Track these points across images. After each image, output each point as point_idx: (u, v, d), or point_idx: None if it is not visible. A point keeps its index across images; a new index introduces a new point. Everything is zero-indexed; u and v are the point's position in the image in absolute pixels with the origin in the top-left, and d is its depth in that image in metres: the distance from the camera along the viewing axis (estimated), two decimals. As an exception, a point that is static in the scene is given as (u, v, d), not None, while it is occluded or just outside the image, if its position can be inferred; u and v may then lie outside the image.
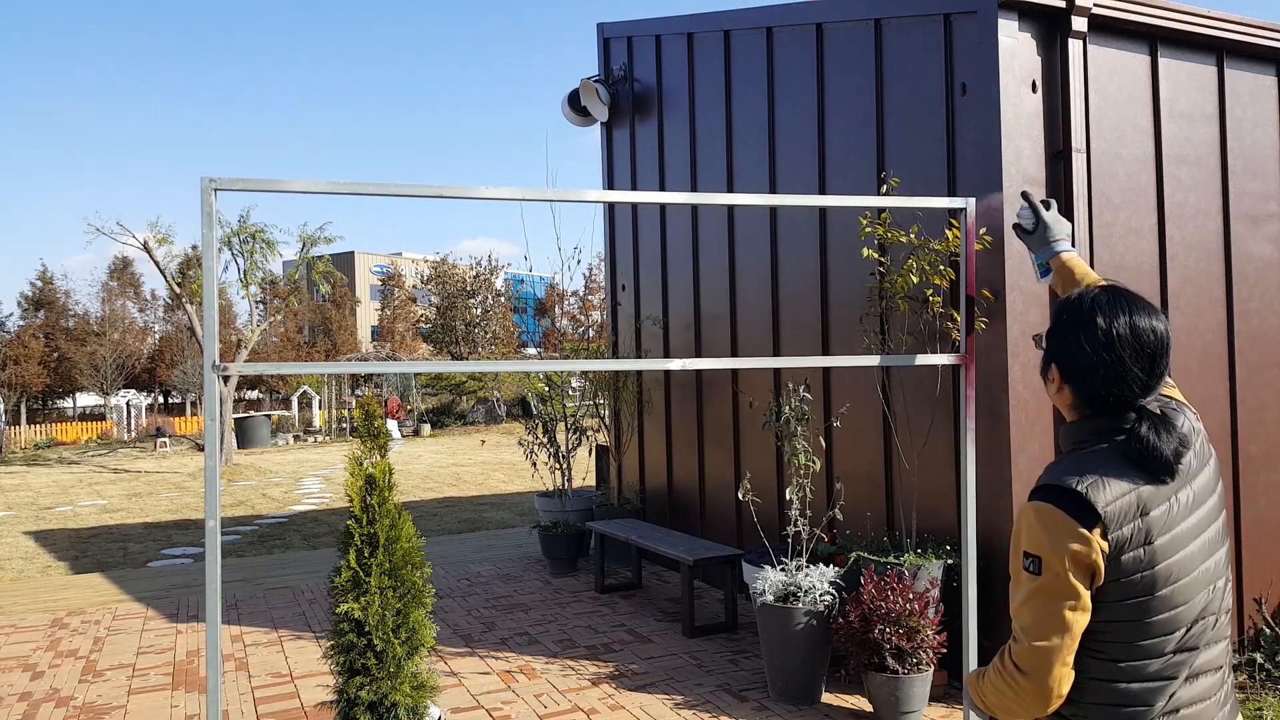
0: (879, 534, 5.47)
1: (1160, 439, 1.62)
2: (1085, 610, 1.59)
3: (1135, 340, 1.65)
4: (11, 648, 6.20)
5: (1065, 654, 1.60)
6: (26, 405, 37.99)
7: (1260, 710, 4.50)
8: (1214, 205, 5.22)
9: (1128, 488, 1.60)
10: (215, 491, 2.86)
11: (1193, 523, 1.64)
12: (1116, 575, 1.59)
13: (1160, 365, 1.67)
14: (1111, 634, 1.62)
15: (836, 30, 5.94)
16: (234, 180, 2.88)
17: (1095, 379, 1.66)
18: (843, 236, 5.82)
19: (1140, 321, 1.66)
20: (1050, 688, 1.61)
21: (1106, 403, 1.67)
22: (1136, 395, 1.66)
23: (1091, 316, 1.67)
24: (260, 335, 26.18)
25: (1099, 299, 1.69)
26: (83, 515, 13.37)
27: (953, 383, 4.91)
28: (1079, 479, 1.60)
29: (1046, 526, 1.60)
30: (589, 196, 3.39)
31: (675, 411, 7.86)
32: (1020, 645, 1.63)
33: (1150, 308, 1.69)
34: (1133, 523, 1.59)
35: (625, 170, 8.72)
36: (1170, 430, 1.63)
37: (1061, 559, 1.57)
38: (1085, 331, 1.67)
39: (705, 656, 5.57)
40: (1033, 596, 1.61)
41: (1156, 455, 1.61)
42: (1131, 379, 1.65)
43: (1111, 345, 1.65)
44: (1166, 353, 1.67)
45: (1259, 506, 5.27)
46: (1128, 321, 1.66)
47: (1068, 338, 1.70)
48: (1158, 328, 1.67)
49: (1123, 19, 4.79)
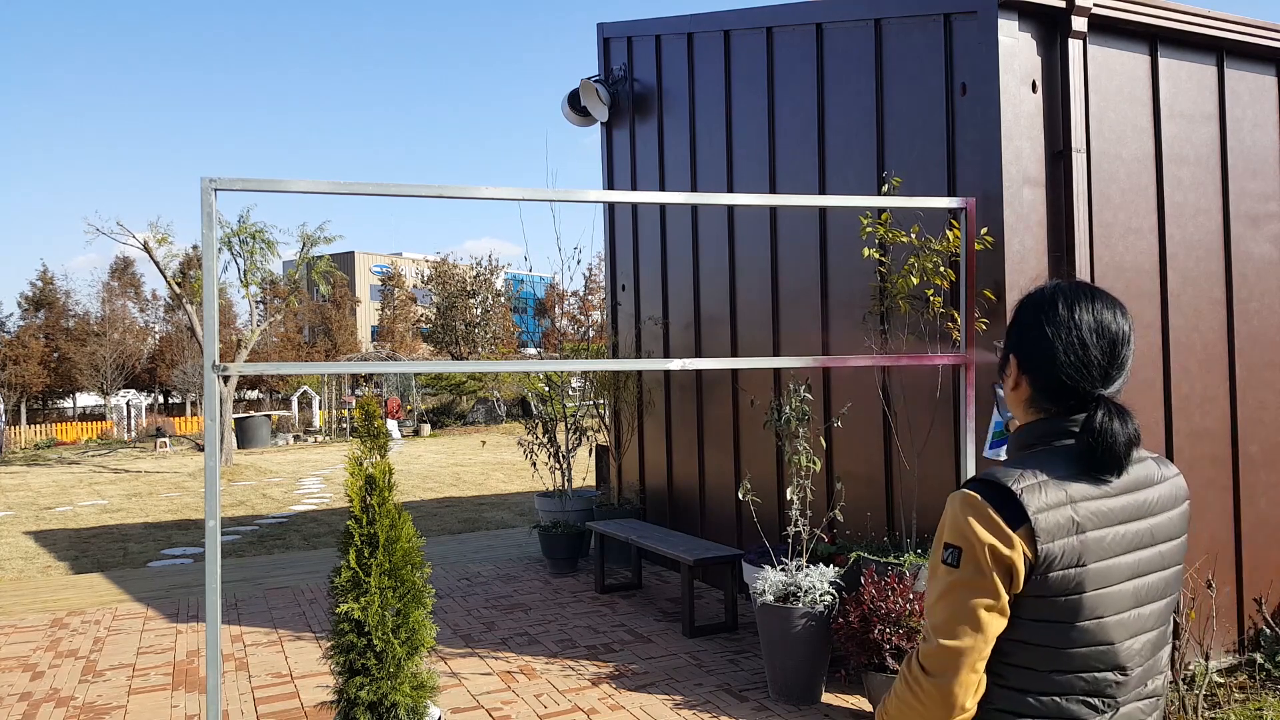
0: (879, 534, 5.47)
1: (1115, 426, 1.54)
2: (1003, 614, 1.50)
3: (1097, 324, 1.59)
4: (11, 648, 6.20)
5: (976, 658, 1.49)
6: (26, 405, 38.00)
7: (1260, 710, 4.50)
8: (1214, 205, 5.22)
9: (1064, 499, 1.51)
10: (215, 491, 2.86)
11: (1133, 561, 1.55)
12: (1040, 591, 1.49)
13: (1120, 354, 1.60)
14: (1021, 657, 1.53)
15: (836, 30, 5.94)
16: (234, 180, 2.88)
17: (1054, 365, 1.58)
18: (843, 236, 5.82)
19: (1101, 309, 1.61)
20: (955, 694, 1.48)
21: (1065, 392, 1.59)
22: (1096, 384, 1.58)
23: (1053, 302, 1.62)
24: (260, 335, 26.18)
25: (1061, 286, 1.64)
26: (83, 515, 13.36)
27: (953, 383, 4.91)
28: (1016, 478, 1.52)
29: (970, 518, 1.51)
30: (589, 196, 3.39)
31: (675, 411, 7.86)
32: (929, 645, 1.52)
33: (1114, 302, 1.64)
34: (1065, 539, 1.49)
35: (625, 170, 8.72)
36: (1127, 420, 1.55)
37: (983, 553, 1.48)
38: (1046, 316, 1.61)
39: (705, 656, 5.57)
40: (948, 592, 1.51)
41: (1109, 444, 1.53)
42: (1092, 364, 1.58)
43: (1072, 328, 1.58)
44: (1127, 345, 1.61)
45: (1259, 506, 5.27)
46: (1089, 306, 1.60)
47: (1027, 326, 1.63)
48: (1119, 319, 1.61)
49: (1123, 19, 4.79)
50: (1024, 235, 4.64)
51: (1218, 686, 4.81)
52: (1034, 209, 4.68)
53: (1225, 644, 5.12)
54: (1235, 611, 5.17)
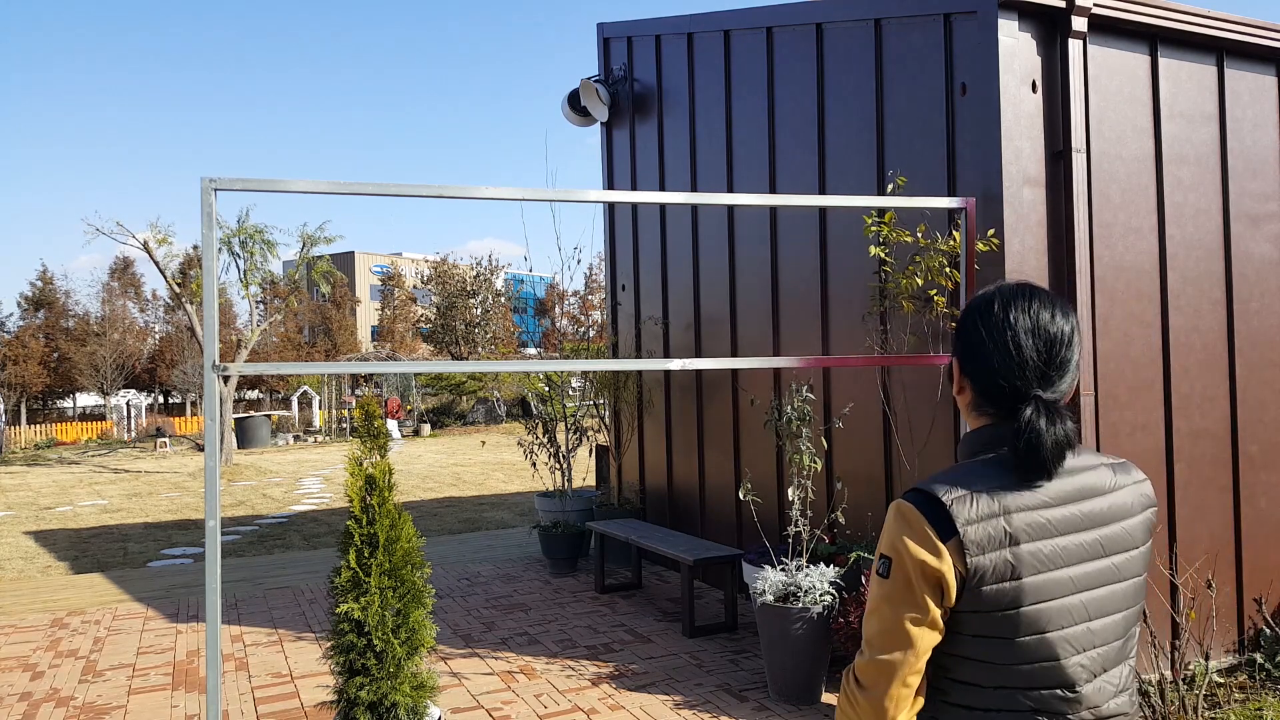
0: (879, 534, 5.46)
1: (1041, 425, 1.47)
2: (933, 628, 1.46)
3: (1032, 323, 1.54)
4: (11, 648, 6.20)
5: (906, 672, 1.46)
6: (26, 405, 37.99)
7: (1260, 710, 4.50)
8: (1214, 205, 5.22)
9: (996, 511, 1.47)
10: (215, 491, 2.86)
11: (1078, 574, 1.50)
12: (975, 606, 1.46)
13: (1058, 354, 1.54)
14: (966, 673, 1.50)
15: (836, 30, 5.94)
16: (234, 180, 2.88)
17: (990, 365, 1.55)
18: (843, 236, 5.82)
19: (1039, 310, 1.56)
20: (886, 708, 1.47)
21: (1002, 395, 1.55)
22: (1033, 384, 1.53)
23: (990, 304, 1.59)
24: (260, 335, 26.18)
25: (1001, 288, 1.61)
26: (83, 515, 13.36)
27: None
28: (948, 488, 1.49)
29: (902, 529, 1.49)
30: (589, 196, 3.39)
31: (675, 412, 7.86)
32: (863, 658, 1.51)
33: (1054, 301, 1.59)
34: (996, 552, 1.45)
35: (625, 170, 8.72)
36: (1057, 421, 1.49)
37: (912, 566, 1.46)
38: (982, 318, 1.58)
39: (705, 656, 5.57)
40: (879, 604, 1.49)
41: (1034, 444, 1.47)
42: (1026, 365, 1.53)
43: (1005, 327, 1.54)
44: (1067, 345, 1.55)
45: (1259, 506, 5.27)
46: (1025, 305, 1.56)
47: (968, 330, 1.61)
48: (1057, 319, 1.56)
49: (1123, 19, 4.79)
50: (1024, 235, 4.64)
51: (1218, 686, 4.81)
52: (1034, 209, 4.68)
53: (1225, 644, 5.12)
54: (1235, 611, 5.17)
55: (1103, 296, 4.82)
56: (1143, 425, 4.91)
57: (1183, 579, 4.93)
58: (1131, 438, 4.87)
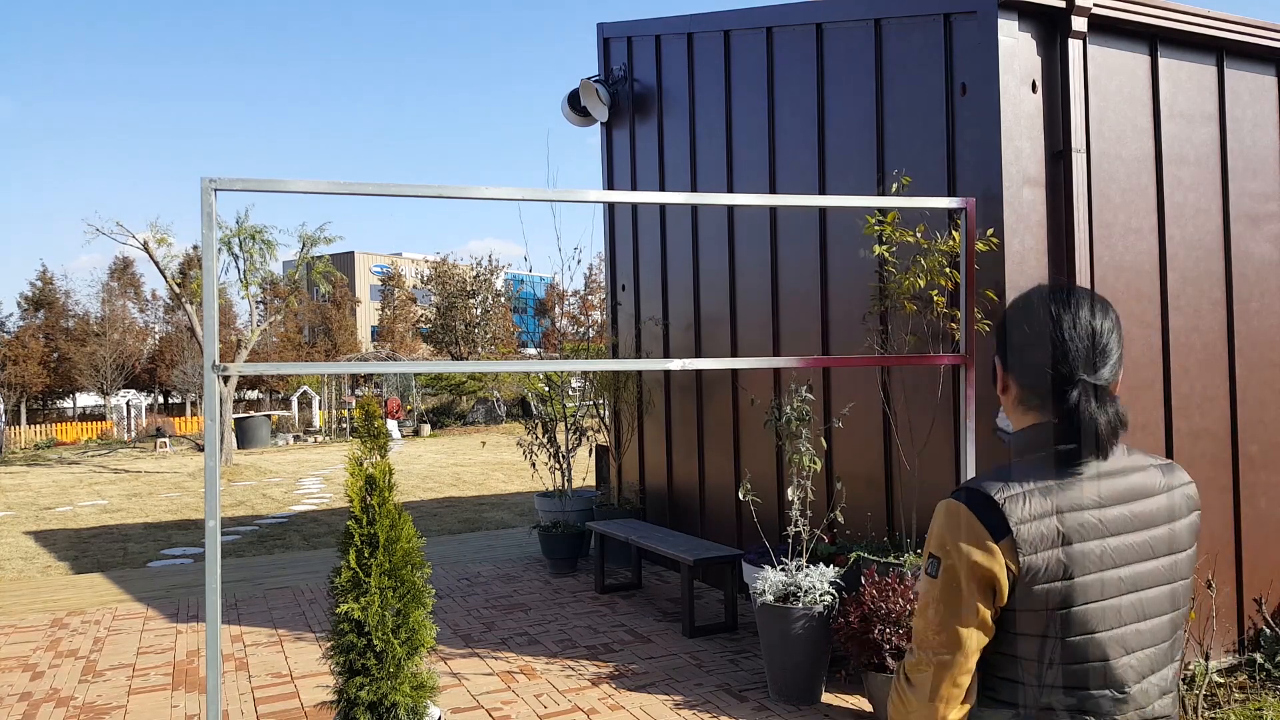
0: (879, 534, 5.47)
1: (1092, 406, 1.49)
2: (983, 628, 1.47)
3: (1074, 317, 1.55)
4: (11, 648, 6.20)
5: (957, 672, 1.46)
6: (26, 405, 37.99)
7: (1260, 710, 4.50)
8: (1214, 205, 5.22)
9: (1049, 510, 1.47)
10: (215, 491, 2.86)
11: (1129, 575, 1.50)
12: (1027, 605, 1.46)
13: (1101, 341, 1.55)
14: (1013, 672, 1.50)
15: (836, 30, 5.94)
16: (234, 180, 2.88)
17: (1034, 357, 1.56)
18: (843, 236, 5.82)
19: (1080, 306, 1.57)
20: (936, 708, 1.47)
21: (1048, 383, 1.54)
22: (1079, 370, 1.53)
23: (1031, 302, 1.60)
24: (260, 335, 26.17)
25: (1040, 287, 1.62)
26: (83, 515, 13.36)
27: (953, 383, 4.91)
28: (1002, 486, 1.49)
29: (952, 529, 1.49)
30: (589, 196, 3.38)
31: (675, 412, 7.86)
32: (912, 657, 1.52)
33: (1094, 299, 1.60)
34: (1049, 551, 1.46)
35: (625, 170, 8.72)
36: (1107, 403, 1.50)
37: (963, 566, 1.46)
38: (1026, 315, 1.59)
39: (705, 656, 5.57)
40: (928, 604, 1.49)
41: (1086, 423, 1.48)
42: (1072, 351, 1.53)
43: (1049, 322, 1.55)
44: (1109, 336, 1.56)
45: (1259, 506, 5.27)
46: (1066, 300, 1.57)
47: (1010, 329, 1.62)
48: (1098, 316, 1.57)
49: (1123, 19, 4.79)
50: (1024, 235, 4.64)
51: (1218, 686, 4.81)
52: (1034, 209, 4.68)
53: (1225, 644, 5.12)
54: (1235, 611, 5.17)
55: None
56: (1143, 425, 4.91)
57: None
58: (1131, 438, 4.87)
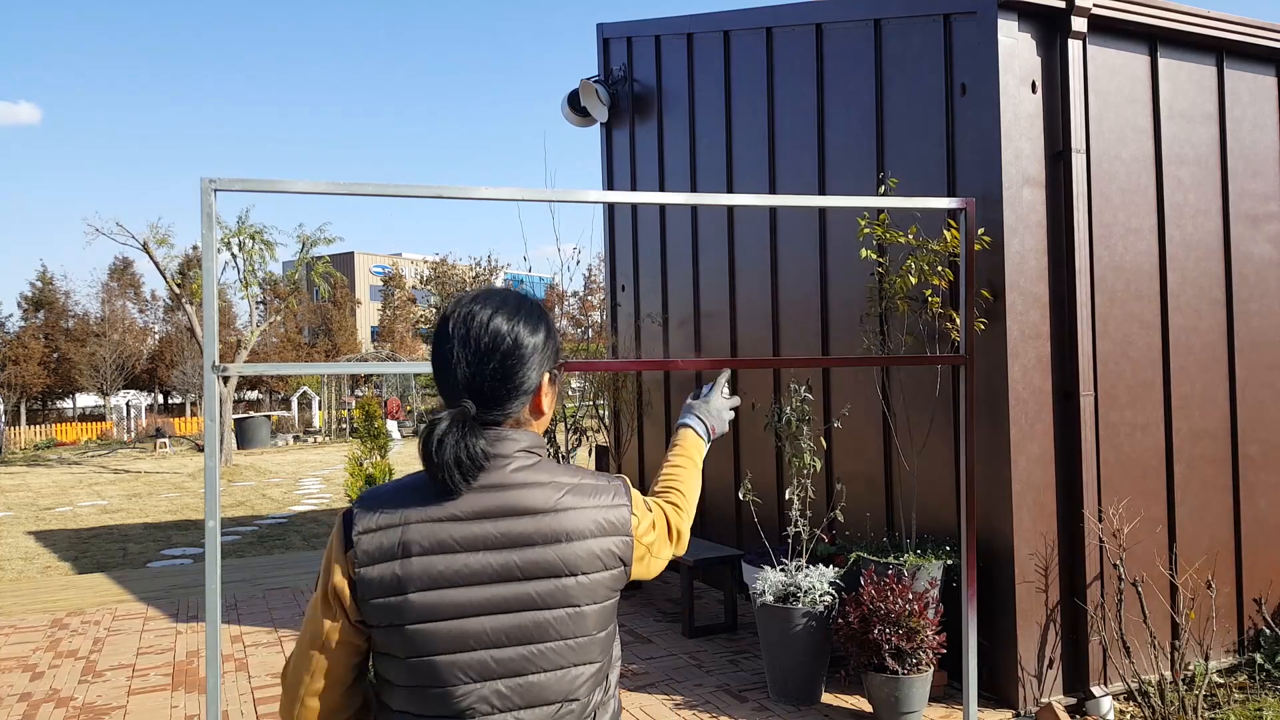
0: (879, 534, 5.47)
1: (443, 435, 1.36)
2: (333, 649, 1.39)
3: (466, 327, 1.43)
4: (11, 648, 6.20)
5: (306, 694, 1.40)
6: (26, 406, 37.98)
7: (1260, 710, 4.50)
8: (1214, 205, 5.22)
9: (397, 521, 1.37)
10: (215, 492, 2.86)
11: (481, 597, 1.37)
12: (373, 620, 1.38)
13: (491, 363, 1.42)
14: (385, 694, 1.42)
15: (836, 30, 5.94)
16: (234, 181, 2.88)
17: (436, 371, 1.46)
18: (842, 237, 5.82)
19: (482, 312, 1.45)
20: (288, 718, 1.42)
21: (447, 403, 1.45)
22: (460, 391, 1.42)
23: (446, 311, 1.49)
24: (260, 336, 26.17)
25: (461, 296, 1.51)
26: (83, 516, 13.36)
27: (952, 383, 4.91)
28: (370, 497, 1.42)
29: (331, 541, 1.44)
30: (589, 197, 3.39)
31: (675, 412, 7.86)
32: (285, 668, 1.47)
33: (512, 308, 1.47)
34: (387, 564, 1.36)
35: (625, 170, 8.72)
36: (467, 435, 1.37)
37: (322, 578, 1.42)
38: (438, 327, 1.50)
39: (705, 657, 5.57)
40: (307, 612, 1.44)
41: (429, 452, 1.37)
42: (457, 370, 1.42)
43: (447, 334, 1.45)
44: (510, 355, 1.43)
45: (1259, 506, 5.27)
46: (469, 309, 1.45)
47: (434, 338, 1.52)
48: (500, 324, 1.44)
49: (1122, 19, 4.79)
50: (1024, 235, 4.64)
51: (1217, 687, 4.81)
52: (1034, 209, 4.68)
53: (1225, 644, 5.12)
54: (1235, 612, 5.17)
55: (1102, 297, 4.82)
56: (1142, 425, 4.91)
57: (1182, 579, 4.93)
58: (1131, 438, 4.87)
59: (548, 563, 1.40)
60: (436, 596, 1.36)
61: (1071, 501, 4.67)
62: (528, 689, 1.39)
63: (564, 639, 1.41)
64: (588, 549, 1.42)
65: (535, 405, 1.50)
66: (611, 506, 1.47)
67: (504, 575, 1.38)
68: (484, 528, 1.39)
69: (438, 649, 1.36)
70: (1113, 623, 4.66)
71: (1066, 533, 4.67)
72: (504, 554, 1.38)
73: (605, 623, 1.46)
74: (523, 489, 1.41)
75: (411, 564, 1.36)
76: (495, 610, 1.37)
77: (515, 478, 1.42)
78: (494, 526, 1.39)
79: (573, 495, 1.44)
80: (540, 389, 1.50)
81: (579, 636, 1.42)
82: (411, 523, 1.37)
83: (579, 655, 1.43)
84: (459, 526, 1.38)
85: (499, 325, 1.44)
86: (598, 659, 1.45)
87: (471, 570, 1.37)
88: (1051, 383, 4.68)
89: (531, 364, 1.46)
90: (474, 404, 1.42)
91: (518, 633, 1.38)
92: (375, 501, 1.41)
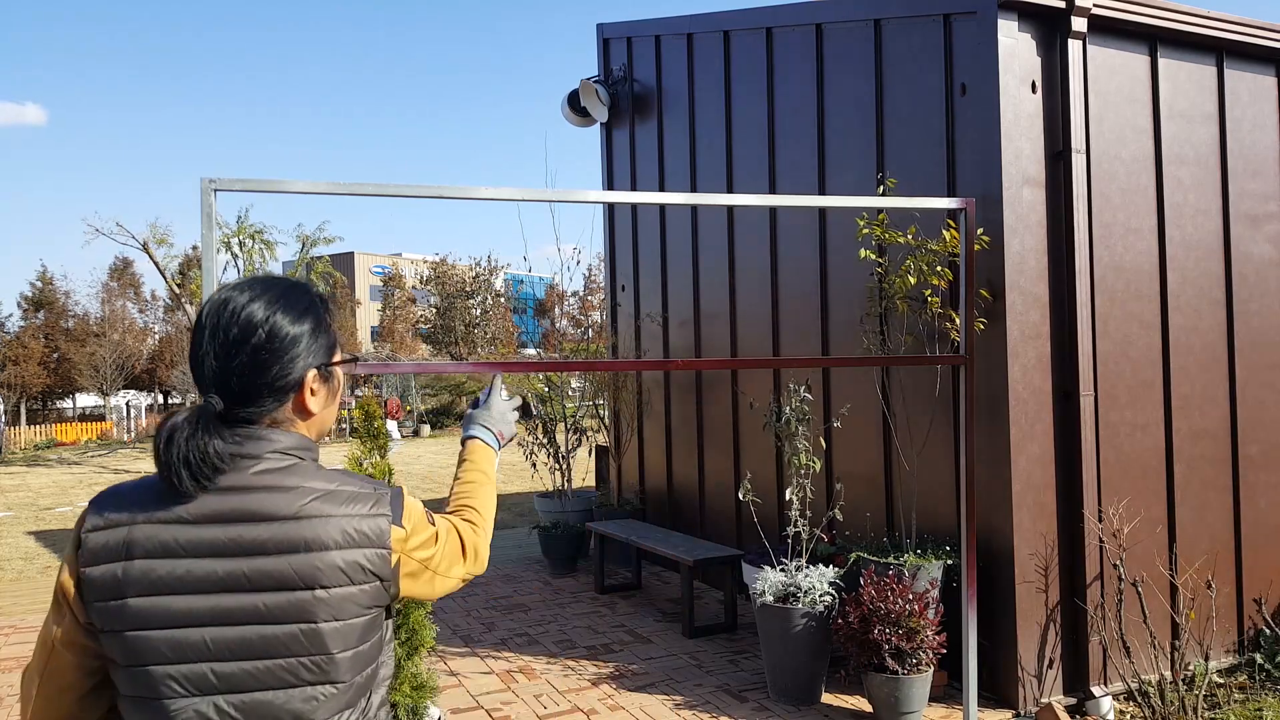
0: (879, 534, 5.47)
1: (176, 431, 1.28)
2: (61, 651, 1.33)
3: (217, 315, 1.34)
4: (11, 648, 6.20)
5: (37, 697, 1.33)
6: (26, 406, 37.98)
7: (1260, 710, 4.50)
8: (1214, 205, 5.22)
9: (126, 519, 1.29)
10: (215, 492, 2.85)
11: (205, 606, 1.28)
12: (99, 624, 1.29)
13: (241, 355, 1.33)
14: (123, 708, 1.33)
15: (836, 30, 5.94)
16: (234, 181, 2.88)
17: (190, 362, 1.37)
18: (842, 237, 5.82)
19: (238, 299, 1.35)
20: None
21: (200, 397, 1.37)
22: (208, 384, 1.33)
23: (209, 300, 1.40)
24: (260, 336, 26.12)
25: (225, 284, 1.42)
26: (82, 516, 13.35)
27: (952, 383, 4.91)
28: (109, 493, 1.34)
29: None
30: (589, 197, 3.39)
31: (675, 412, 7.86)
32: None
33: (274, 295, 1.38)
34: (110, 565, 1.28)
35: (625, 171, 8.72)
36: (202, 434, 1.28)
37: (57, 579, 1.33)
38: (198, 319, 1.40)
39: (705, 657, 5.57)
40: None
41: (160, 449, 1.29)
42: (205, 361, 1.34)
43: (200, 322, 1.37)
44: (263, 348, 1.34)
45: (1259, 507, 5.27)
46: (227, 295, 1.37)
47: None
48: (255, 312, 1.35)
49: (1122, 19, 4.79)
50: (1024, 235, 4.64)
51: (1217, 687, 4.81)
52: (1034, 209, 4.68)
53: (1225, 644, 5.12)
54: (1235, 612, 5.17)
55: (1102, 297, 4.82)
56: (1142, 425, 4.91)
57: (1182, 579, 4.93)
58: (1131, 438, 4.87)
59: (280, 573, 1.29)
60: (155, 603, 1.27)
61: (1071, 501, 4.67)
62: (253, 707, 1.30)
63: (296, 656, 1.30)
64: (329, 560, 1.30)
65: (299, 404, 1.40)
66: (367, 516, 1.35)
67: (229, 585, 1.28)
68: (213, 532, 1.29)
69: (155, 658, 1.27)
70: (1113, 623, 4.66)
71: (1066, 533, 4.68)
72: (232, 561, 1.28)
73: (356, 641, 1.34)
74: (262, 493, 1.31)
75: (133, 566, 1.27)
76: (218, 621, 1.28)
77: (258, 480, 1.32)
78: (224, 532, 1.29)
79: (322, 502, 1.33)
80: (304, 386, 1.39)
81: (315, 654, 1.31)
82: (138, 523, 1.29)
83: (317, 675, 1.31)
84: (185, 530, 1.29)
85: (253, 313, 1.34)
86: (343, 678, 1.33)
87: (194, 577, 1.28)
88: (1051, 383, 4.68)
89: (290, 358, 1.36)
90: (221, 399, 1.32)
91: (241, 647, 1.28)
92: (112, 498, 1.33)
